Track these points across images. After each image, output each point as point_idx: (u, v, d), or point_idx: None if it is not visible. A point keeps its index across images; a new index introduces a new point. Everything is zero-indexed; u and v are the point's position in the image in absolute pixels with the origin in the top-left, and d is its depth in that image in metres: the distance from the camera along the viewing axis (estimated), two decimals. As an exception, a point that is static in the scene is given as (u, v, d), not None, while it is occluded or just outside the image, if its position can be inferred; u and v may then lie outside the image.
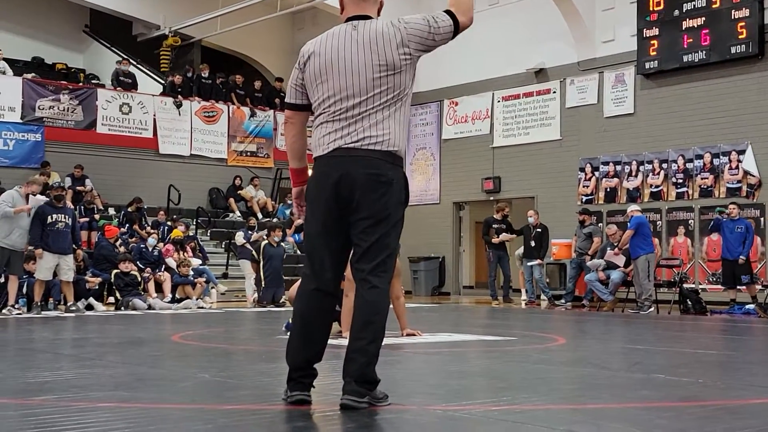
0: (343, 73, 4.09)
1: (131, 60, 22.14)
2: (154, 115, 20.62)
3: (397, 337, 8.02)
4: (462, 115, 21.51)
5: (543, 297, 17.17)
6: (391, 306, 7.32)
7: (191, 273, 15.95)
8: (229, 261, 18.93)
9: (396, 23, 4.13)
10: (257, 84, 23.03)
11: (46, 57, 23.83)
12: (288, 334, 7.90)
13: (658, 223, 17.42)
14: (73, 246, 13.68)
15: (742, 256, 14.41)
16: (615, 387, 5.19)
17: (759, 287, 14.78)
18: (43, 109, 19.13)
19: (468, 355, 7.32)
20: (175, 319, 12.37)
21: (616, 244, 15.55)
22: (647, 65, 17.73)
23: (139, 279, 15.05)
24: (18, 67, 21.19)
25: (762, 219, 15.84)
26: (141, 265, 15.53)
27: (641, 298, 14.68)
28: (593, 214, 17.59)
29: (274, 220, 20.57)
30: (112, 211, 19.06)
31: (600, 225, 17.66)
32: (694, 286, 15.98)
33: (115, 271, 14.86)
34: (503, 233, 17.34)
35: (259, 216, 20.84)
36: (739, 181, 16.56)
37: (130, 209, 18.60)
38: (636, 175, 18.09)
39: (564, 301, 16.36)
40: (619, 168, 18.37)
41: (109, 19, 23.91)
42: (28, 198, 13.09)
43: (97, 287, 14.84)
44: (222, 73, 22.62)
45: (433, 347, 7.64)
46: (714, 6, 16.77)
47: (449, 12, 4.18)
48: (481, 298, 19.92)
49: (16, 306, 13.14)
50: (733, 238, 14.52)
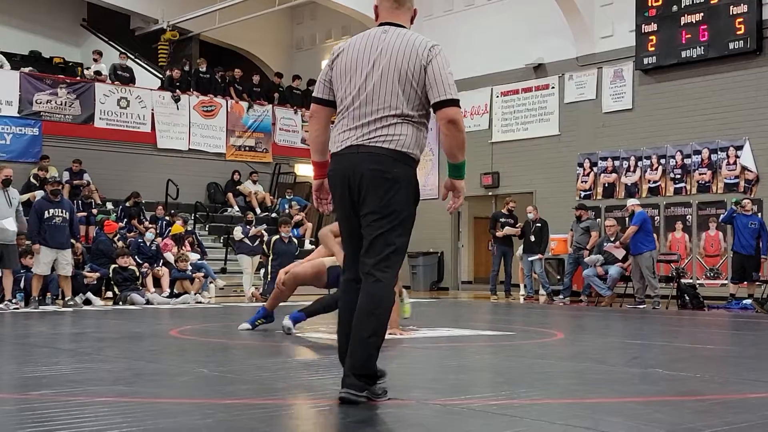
0: (363, 74, 4.22)
1: (129, 54, 22.09)
2: (152, 109, 20.58)
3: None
4: (461, 110, 21.46)
5: (541, 292, 17.18)
6: None
7: (189, 268, 15.94)
8: (228, 256, 18.92)
9: (430, 47, 4.22)
10: (255, 78, 23.00)
11: (43, 51, 23.80)
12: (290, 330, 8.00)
13: (656, 218, 17.41)
14: (72, 240, 13.64)
15: (763, 255, 14.48)
16: (613, 381, 5.20)
17: (757, 283, 14.80)
18: (40, 103, 19.09)
19: (467, 350, 7.33)
20: (173, 314, 12.37)
21: (613, 239, 15.55)
22: (646, 61, 17.72)
23: (137, 274, 15.05)
24: (15, 60, 21.14)
25: (760, 214, 15.83)
26: (139, 260, 15.53)
27: (641, 294, 14.69)
28: (591, 209, 17.60)
29: (273, 214, 20.59)
30: (110, 205, 19.04)
31: (598, 220, 17.66)
32: (691, 281, 16.00)
33: (113, 265, 14.85)
34: (507, 227, 17.35)
35: (258, 211, 20.84)
36: (736, 177, 16.57)
37: (128, 204, 18.58)
38: (634, 171, 18.09)
39: (562, 296, 16.38)
40: (617, 163, 18.37)
41: (107, 12, 23.88)
42: (4, 185, 12.89)
43: (95, 282, 14.83)
44: (220, 68, 22.59)
45: (432, 342, 7.65)
46: (712, 2, 16.75)
47: (456, 104, 4.29)
48: (480, 293, 19.93)
49: (14, 301, 13.13)
50: (747, 233, 14.53)
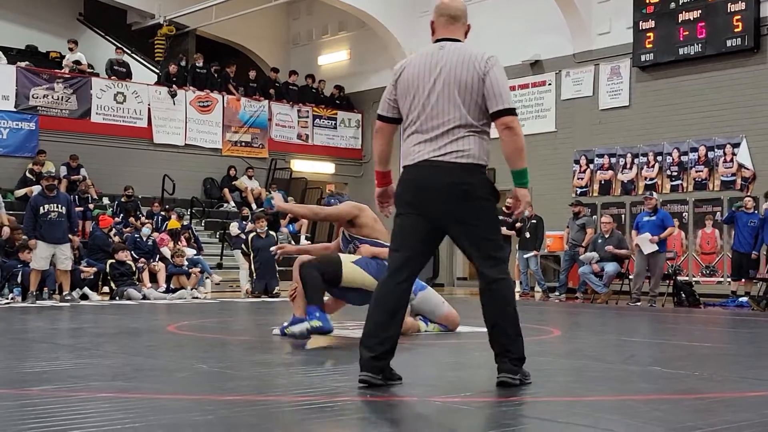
0: (426, 89, 4.48)
1: (125, 49, 22.05)
2: (149, 104, 20.55)
3: None
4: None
5: (537, 289, 17.21)
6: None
7: (186, 263, 15.94)
8: (224, 251, 18.92)
9: (487, 58, 4.48)
10: (252, 74, 22.98)
11: (39, 45, 23.75)
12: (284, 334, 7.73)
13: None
14: (69, 235, 13.56)
15: (755, 251, 14.45)
16: (611, 379, 5.21)
17: (754, 281, 14.82)
18: (37, 97, 19.05)
19: (465, 347, 7.34)
20: (169, 309, 12.37)
21: (608, 236, 15.55)
22: (643, 58, 17.74)
23: (133, 269, 15.04)
24: (12, 55, 21.09)
25: (756, 212, 15.85)
26: (135, 255, 15.52)
27: (656, 292, 14.61)
28: (587, 206, 17.62)
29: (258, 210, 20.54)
30: (106, 200, 19.02)
31: (594, 217, 17.68)
32: (687, 278, 16.03)
33: (110, 260, 14.84)
34: (504, 227, 17.36)
35: (254, 206, 20.82)
36: (733, 174, 16.60)
37: (122, 199, 18.57)
38: (631, 168, 18.12)
39: (558, 293, 16.40)
40: (613, 160, 18.39)
41: (104, 7, 23.84)
42: None
43: (92, 277, 14.82)
44: (216, 63, 22.57)
45: (430, 339, 7.65)
46: (710, -1, 16.79)
47: (513, 112, 4.53)
48: (475, 289, 19.91)
49: (11, 296, 13.12)
50: (747, 231, 14.53)
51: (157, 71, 22.17)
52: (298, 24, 25.95)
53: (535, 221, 16.99)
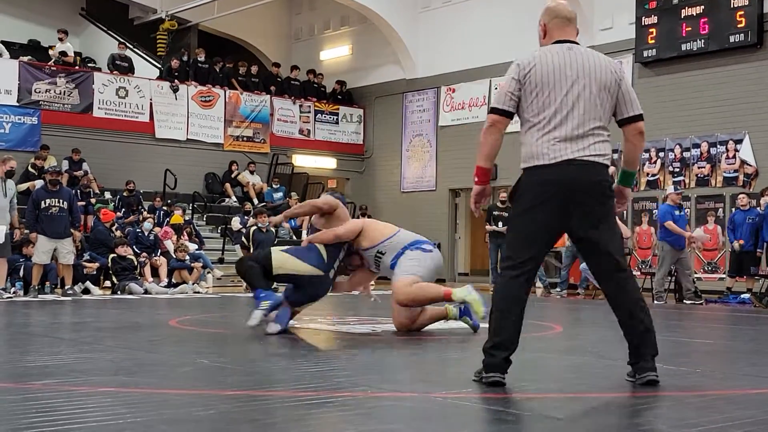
0: (564, 88, 4.52)
1: (128, 44, 22.04)
2: (151, 99, 20.55)
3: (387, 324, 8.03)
4: (459, 101, 21.49)
5: (538, 285, 17.19)
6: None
7: (187, 258, 15.95)
8: (225, 246, 18.93)
9: (618, 64, 4.74)
10: (254, 69, 22.97)
11: (42, 40, 23.72)
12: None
13: (654, 211, 17.43)
14: (71, 229, 13.54)
15: (759, 249, 14.37)
16: (613, 376, 5.20)
17: (756, 277, 14.79)
18: (39, 92, 19.05)
19: (466, 342, 7.33)
20: (171, 304, 12.37)
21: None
22: (645, 53, 17.71)
23: (135, 263, 15.05)
24: (14, 49, 21.09)
25: (758, 209, 15.84)
26: (137, 250, 15.53)
27: (692, 289, 14.35)
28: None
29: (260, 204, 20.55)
30: (108, 195, 19.03)
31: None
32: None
33: (111, 255, 14.85)
34: (500, 222, 17.34)
35: (255, 201, 20.82)
36: (735, 171, 16.59)
37: (124, 194, 18.60)
38: (632, 163, 18.07)
39: (559, 289, 16.39)
40: (615, 156, 18.35)
41: (106, 2, 23.82)
42: (6, 176, 12.90)
43: (94, 272, 14.84)
44: (219, 58, 22.55)
45: (431, 334, 7.65)
46: (713, -5, 16.76)
47: (643, 118, 4.66)
48: (476, 285, 19.92)
49: (13, 290, 13.13)
50: (746, 228, 14.44)
51: (159, 66, 22.16)
52: (300, 19, 25.92)
53: (536, 217, 16.94)
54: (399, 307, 7.48)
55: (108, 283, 15.03)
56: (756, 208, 14.75)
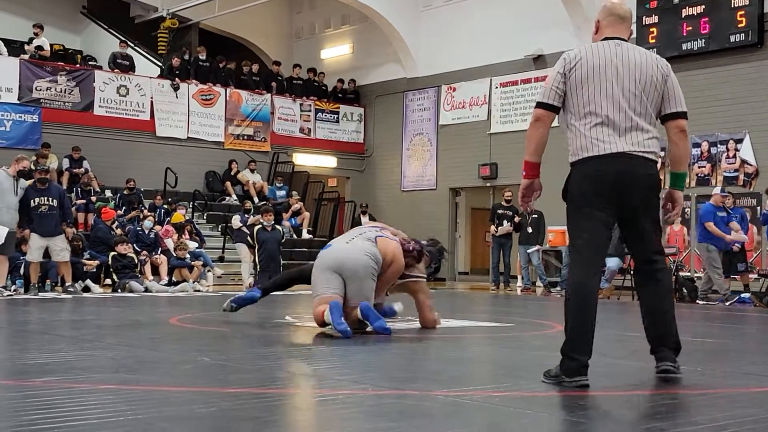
0: (611, 83, 4.56)
1: (129, 42, 22.04)
2: (152, 97, 20.55)
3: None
4: (460, 101, 21.49)
5: (539, 283, 17.20)
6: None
7: (188, 256, 15.95)
8: (226, 244, 18.93)
9: (665, 61, 4.79)
10: (255, 67, 22.96)
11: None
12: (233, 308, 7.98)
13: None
14: (63, 226, 13.46)
15: (736, 245, 14.30)
16: (615, 374, 5.21)
17: (754, 276, 14.78)
18: (40, 90, 19.05)
19: (466, 341, 7.34)
20: (171, 302, 12.36)
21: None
22: (646, 53, 17.68)
23: (135, 261, 15.04)
24: (15, 47, 21.07)
25: (759, 208, 15.85)
26: (137, 248, 15.53)
27: (721, 290, 14.15)
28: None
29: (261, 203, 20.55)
30: (108, 193, 19.03)
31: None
32: (689, 274, 16.00)
33: (112, 253, 14.84)
34: (505, 221, 17.36)
35: (256, 200, 20.82)
36: (736, 170, 16.58)
37: (125, 192, 18.60)
38: (633, 163, 18.04)
39: (559, 288, 16.38)
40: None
41: (107, 0, 23.80)
42: (18, 176, 12.89)
43: (94, 269, 14.83)
44: (222, 57, 22.55)
45: (431, 333, 7.65)
46: (714, -6, 16.75)
47: (687, 116, 4.75)
48: (476, 284, 19.96)
49: (14, 288, 13.12)
50: (722, 228, 14.27)
51: (160, 64, 22.16)
52: (300, 18, 25.93)
53: (536, 216, 16.98)
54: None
55: (108, 281, 15.03)
56: (740, 208, 14.71)
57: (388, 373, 5.24)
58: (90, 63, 22.30)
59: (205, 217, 20.49)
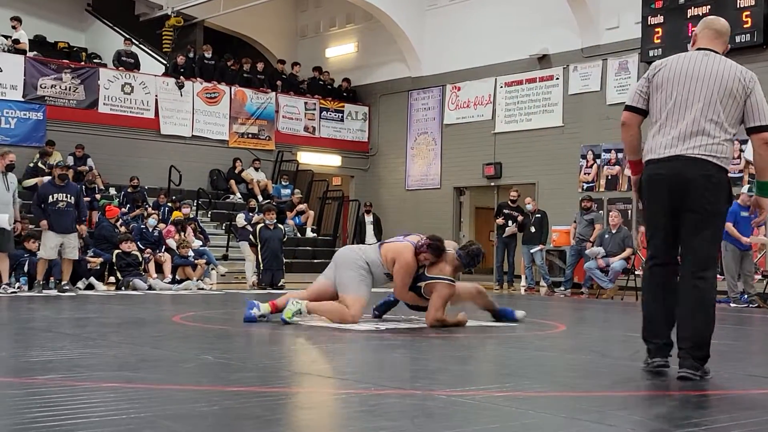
0: (687, 89, 4.84)
1: (133, 40, 22.05)
2: (156, 95, 20.54)
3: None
4: (464, 100, 21.47)
5: (542, 283, 17.19)
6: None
7: (192, 254, 15.96)
8: (230, 243, 18.94)
9: (751, 75, 4.97)
10: (260, 66, 22.96)
11: (48, 35, 23.73)
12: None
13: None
14: (78, 224, 13.52)
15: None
16: (617, 375, 5.20)
17: (759, 277, 14.74)
18: (44, 87, 19.06)
19: (469, 341, 7.33)
20: (175, 300, 12.38)
21: (614, 231, 15.52)
22: (651, 53, 17.66)
23: (139, 259, 15.06)
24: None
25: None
26: (141, 246, 15.54)
27: (749, 290, 13.88)
28: (594, 201, 17.59)
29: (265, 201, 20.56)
30: (113, 191, 19.05)
31: (601, 212, 17.65)
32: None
33: (116, 251, 14.86)
34: (510, 221, 17.35)
35: (260, 198, 20.82)
36: (740, 171, 16.55)
37: (129, 189, 18.62)
38: (638, 164, 18.04)
39: (563, 288, 16.38)
40: (620, 155, 18.34)
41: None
42: (6, 170, 12.88)
43: (98, 267, 14.85)
44: (230, 55, 22.55)
45: (434, 332, 7.65)
46: (719, -6, 16.71)
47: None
48: (480, 283, 19.88)
49: (17, 285, 13.14)
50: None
51: (165, 62, 22.17)
52: (305, 16, 25.92)
53: (539, 215, 16.98)
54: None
55: (112, 279, 15.04)
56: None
57: (390, 373, 5.24)
58: (95, 61, 22.31)
59: (209, 216, 20.49)
